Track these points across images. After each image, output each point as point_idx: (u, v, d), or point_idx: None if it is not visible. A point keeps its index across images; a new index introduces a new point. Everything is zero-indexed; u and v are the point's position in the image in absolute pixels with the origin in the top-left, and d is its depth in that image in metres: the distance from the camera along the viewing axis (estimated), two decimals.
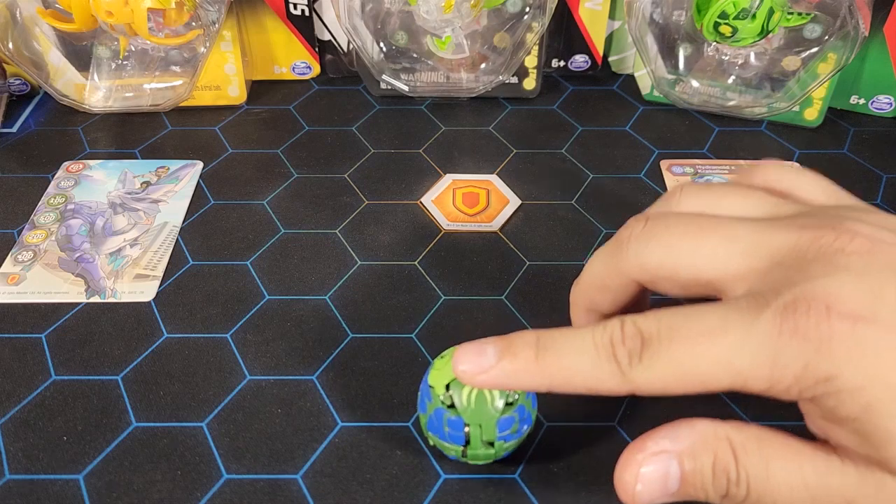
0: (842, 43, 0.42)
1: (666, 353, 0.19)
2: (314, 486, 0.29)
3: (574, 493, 0.28)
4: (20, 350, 0.34)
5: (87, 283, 0.37)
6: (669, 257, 0.22)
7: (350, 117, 0.49)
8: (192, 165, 0.45)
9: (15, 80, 0.50)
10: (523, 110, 0.49)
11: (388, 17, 0.47)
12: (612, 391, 0.20)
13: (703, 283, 0.21)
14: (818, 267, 0.18)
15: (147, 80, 0.48)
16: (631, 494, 0.20)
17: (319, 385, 0.32)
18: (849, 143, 0.47)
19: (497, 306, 0.36)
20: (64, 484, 0.29)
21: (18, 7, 0.45)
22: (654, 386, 0.19)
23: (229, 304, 0.36)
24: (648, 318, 0.20)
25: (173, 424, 0.31)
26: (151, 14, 0.43)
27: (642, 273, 0.23)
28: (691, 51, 0.47)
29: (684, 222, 0.22)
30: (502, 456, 0.28)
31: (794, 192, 0.25)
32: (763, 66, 0.46)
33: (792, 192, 0.24)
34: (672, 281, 0.22)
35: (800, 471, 0.18)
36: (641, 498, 0.20)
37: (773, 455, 0.19)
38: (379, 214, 0.41)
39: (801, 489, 0.18)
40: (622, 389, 0.20)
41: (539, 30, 0.46)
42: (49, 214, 0.41)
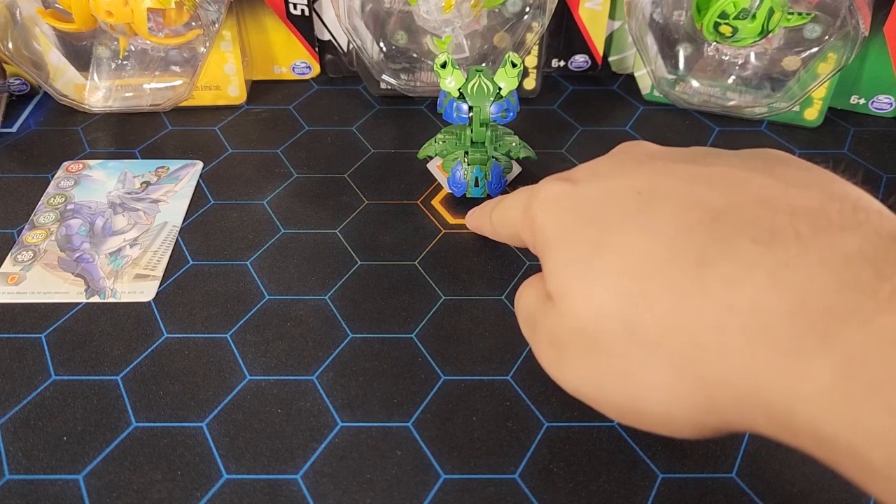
0: (842, 43, 0.42)
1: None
2: (314, 486, 0.29)
3: (574, 493, 0.28)
4: (20, 350, 0.34)
5: (87, 283, 0.37)
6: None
7: (350, 117, 0.49)
8: (191, 165, 0.45)
9: (15, 80, 0.50)
10: (523, 110, 0.49)
11: (388, 17, 0.47)
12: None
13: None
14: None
15: (147, 80, 0.48)
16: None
17: (319, 385, 0.32)
18: (849, 143, 0.47)
19: (497, 306, 0.36)
20: (64, 484, 0.29)
21: (18, 7, 0.45)
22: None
23: (229, 304, 0.36)
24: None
25: (173, 424, 0.31)
26: (151, 14, 0.43)
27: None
28: (691, 51, 0.47)
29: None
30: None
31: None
32: (763, 66, 0.46)
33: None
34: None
35: (526, 295, 0.28)
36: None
37: (526, 284, 0.28)
38: (379, 214, 0.41)
39: (523, 310, 0.28)
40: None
41: (539, 30, 0.46)
42: (49, 214, 0.41)
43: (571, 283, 0.23)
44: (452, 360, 0.33)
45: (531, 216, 0.27)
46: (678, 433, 0.22)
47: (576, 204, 0.25)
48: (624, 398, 0.22)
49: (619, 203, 0.24)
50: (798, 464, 0.29)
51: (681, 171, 0.24)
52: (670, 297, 0.20)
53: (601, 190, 0.25)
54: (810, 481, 0.29)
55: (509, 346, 0.34)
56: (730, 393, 0.19)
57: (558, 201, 0.26)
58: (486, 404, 0.32)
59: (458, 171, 0.40)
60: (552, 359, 0.25)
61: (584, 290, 0.23)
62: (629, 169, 0.25)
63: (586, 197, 0.25)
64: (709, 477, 0.29)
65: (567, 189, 0.26)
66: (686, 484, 0.29)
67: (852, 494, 0.28)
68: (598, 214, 0.24)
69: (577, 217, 0.25)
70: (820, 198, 0.20)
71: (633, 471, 0.29)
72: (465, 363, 0.33)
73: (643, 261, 0.21)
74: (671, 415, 0.21)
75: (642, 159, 0.26)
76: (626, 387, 0.22)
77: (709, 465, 0.29)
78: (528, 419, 0.31)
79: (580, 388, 0.24)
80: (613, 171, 0.26)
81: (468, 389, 0.32)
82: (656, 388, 0.21)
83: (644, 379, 0.21)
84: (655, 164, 0.25)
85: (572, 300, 0.23)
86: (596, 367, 0.23)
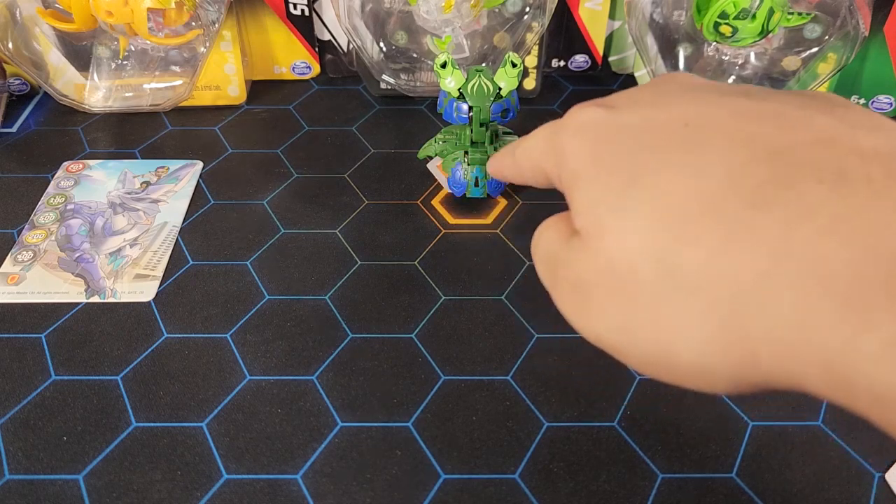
0: (842, 43, 0.42)
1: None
2: (314, 486, 0.29)
3: (574, 493, 0.28)
4: (20, 350, 0.34)
5: (87, 283, 0.37)
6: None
7: (350, 117, 0.49)
8: (191, 165, 0.45)
9: (15, 80, 0.50)
10: (523, 110, 0.49)
11: (388, 17, 0.47)
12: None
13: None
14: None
15: (147, 80, 0.48)
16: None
17: (319, 385, 0.32)
18: None
19: (497, 306, 0.36)
20: (64, 484, 0.29)
21: (18, 7, 0.45)
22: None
23: (229, 304, 0.36)
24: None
25: (173, 424, 0.31)
26: (151, 14, 0.43)
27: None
28: (691, 51, 0.47)
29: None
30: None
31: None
32: (763, 66, 0.46)
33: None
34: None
35: (546, 235, 0.25)
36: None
37: (546, 224, 0.26)
38: (379, 214, 0.41)
39: (543, 251, 0.25)
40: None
41: (539, 30, 0.46)
42: (49, 214, 0.41)
43: (604, 220, 0.21)
44: (452, 360, 0.33)
45: (559, 145, 0.24)
46: (712, 388, 0.20)
47: (612, 133, 0.23)
48: (655, 347, 0.20)
49: (663, 134, 0.22)
50: (798, 464, 0.29)
51: (733, 105, 0.22)
52: (717, 239, 0.19)
53: (642, 119, 0.22)
54: (810, 481, 0.29)
55: (509, 346, 0.34)
56: (778, 347, 0.18)
57: (592, 129, 0.23)
58: (486, 404, 0.32)
59: (458, 171, 0.40)
60: (575, 304, 0.23)
61: (619, 226, 0.21)
62: (674, 98, 0.23)
63: (625, 125, 0.23)
64: (709, 477, 0.29)
65: (603, 116, 0.23)
66: (686, 484, 0.29)
67: (852, 495, 0.28)
68: (638, 146, 0.22)
69: (613, 147, 0.22)
70: (890, 141, 0.19)
71: (633, 471, 0.29)
72: (465, 363, 0.33)
73: (688, 198, 0.20)
74: (708, 367, 0.20)
75: (688, 89, 0.24)
76: (659, 334, 0.20)
77: (709, 465, 0.29)
78: (528, 419, 0.31)
79: (605, 335, 0.22)
80: (657, 99, 0.23)
81: (468, 389, 0.32)
82: (694, 336, 0.19)
83: (681, 326, 0.19)
84: (704, 96, 0.23)
85: (604, 238, 0.21)
86: (625, 312, 0.21)
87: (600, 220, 0.21)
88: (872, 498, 0.28)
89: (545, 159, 0.26)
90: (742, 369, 0.19)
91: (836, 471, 0.29)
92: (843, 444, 0.30)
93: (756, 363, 0.19)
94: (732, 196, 0.19)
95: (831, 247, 0.17)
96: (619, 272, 0.21)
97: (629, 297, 0.21)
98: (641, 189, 0.21)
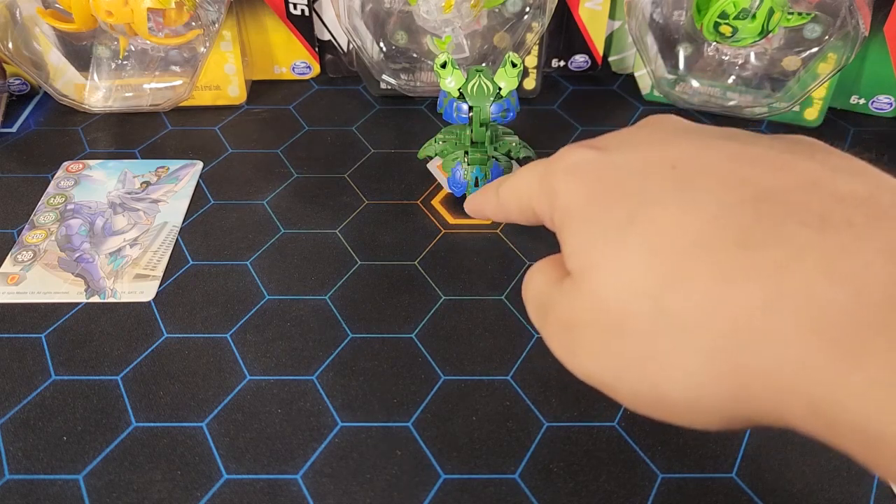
0: (842, 43, 0.42)
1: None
2: (314, 486, 0.29)
3: (574, 493, 0.28)
4: (20, 350, 0.34)
5: (87, 283, 0.37)
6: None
7: (350, 117, 0.49)
8: (191, 165, 0.45)
9: (15, 80, 0.50)
10: (523, 110, 0.49)
11: (388, 17, 0.47)
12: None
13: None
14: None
15: (147, 80, 0.48)
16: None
17: (319, 385, 0.32)
18: (849, 143, 0.47)
19: (497, 306, 0.36)
20: (64, 484, 0.29)
21: (18, 7, 0.45)
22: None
23: (229, 304, 0.36)
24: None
25: (173, 424, 0.31)
26: (151, 14, 0.43)
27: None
28: (691, 51, 0.47)
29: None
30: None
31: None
32: (763, 66, 0.46)
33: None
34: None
35: (536, 279, 0.26)
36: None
37: (536, 268, 0.26)
38: (379, 214, 0.41)
39: (534, 295, 0.26)
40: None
41: (539, 30, 0.46)
42: (49, 214, 0.41)
43: (598, 260, 0.22)
44: (452, 360, 0.33)
45: (550, 185, 0.25)
46: (703, 424, 0.21)
47: (604, 173, 0.23)
48: (646, 384, 0.21)
49: (654, 176, 0.22)
50: (798, 464, 0.29)
51: (720, 148, 0.22)
52: (710, 279, 0.19)
53: (633, 160, 0.23)
54: (810, 481, 0.29)
55: (509, 346, 0.34)
56: (769, 382, 0.18)
57: (584, 169, 0.24)
58: (486, 404, 0.32)
59: (458, 171, 0.40)
60: (566, 343, 0.23)
61: (612, 267, 0.21)
62: (663, 140, 0.24)
63: (616, 166, 0.23)
64: (709, 477, 0.29)
65: (594, 156, 0.24)
66: (686, 484, 0.29)
67: (852, 495, 0.28)
68: (629, 186, 0.22)
69: (605, 188, 0.23)
70: (868, 186, 0.19)
71: (633, 471, 0.29)
72: (465, 363, 0.33)
73: (680, 238, 0.20)
74: (700, 403, 0.20)
75: (675, 132, 0.24)
76: (651, 371, 0.21)
77: (709, 465, 0.29)
78: (528, 419, 0.31)
79: (596, 373, 0.22)
80: (645, 141, 0.24)
81: (468, 389, 0.32)
82: (687, 373, 0.20)
83: (674, 363, 0.20)
84: (691, 139, 0.23)
85: (597, 278, 0.21)
86: (616, 351, 0.21)
87: (593, 261, 0.22)
88: (872, 498, 0.28)
89: (535, 198, 0.27)
90: (733, 405, 0.20)
91: (836, 471, 0.29)
92: None
93: (746, 399, 0.19)
94: (722, 236, 0.20)
95: (820, 288, 0.18)
96: (612, 311, 0.21)
97: (620, 336, 0.21)
98: (633, 230, 0.21)
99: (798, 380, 0.18)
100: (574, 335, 0.23)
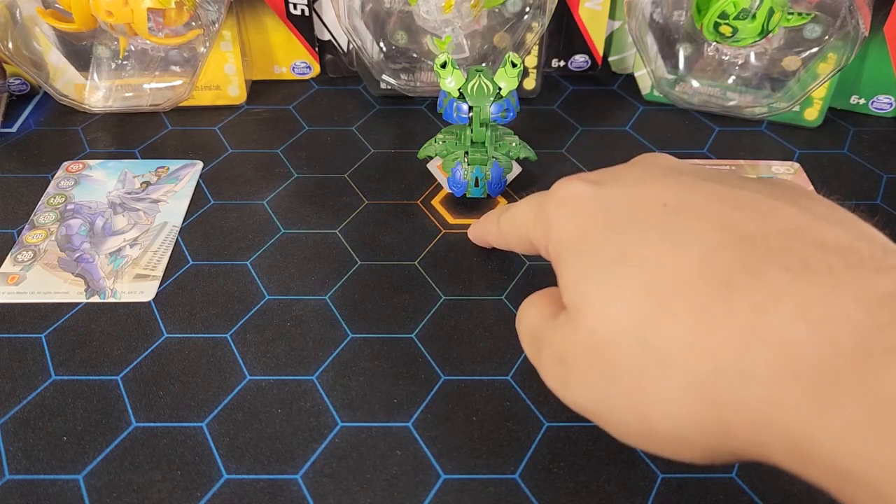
0: (842, 43, 0.42)
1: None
2: (314, 487, 0.29)
3: (574, 493, 0.28)
4: (20, 350, 0.34)
5: (87, 283, 0.37)
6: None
7: (350, 117, 0.49)
8: (191, 165, 0.45)
9: (15, 80, 0.50)
10: (523, 110, 0.49)
11: (388, 17, 0.47)
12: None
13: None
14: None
15: (147, 80, 0.48)
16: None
17: (319, 385, 0.32)
18: (849, 143, 0.47)
19: (497, 306, 0.36)
20: (64, 484, 0.29)
21: (18, 7, 0.45)
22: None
23: (229, 304, 0.36)
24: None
25: (173, 424, 0.31)
26: (151, 14, 0.43)
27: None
28: (691, 51, 0.47)
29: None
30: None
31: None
32: (763, 66, 0.46)
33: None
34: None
35: (530, 313, 0.27)
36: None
37: (529, 301, 0.27)
38: (379, 214, 0.41)
39: (527, 329, 0.27)
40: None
41: (539, 30, 0.46)
42: (49, 214, 0.41)
43: (589, 295, 0.22)
44: (452, 360, 0.33)
45: (546, 217, 0.26)
46: (688, 457, 0.22)
47: (597, 208, 0.24)
48: (633, 416, 0.22)
49: (645, 213, 0.23)
50: None
51: (709, 190, 0.23)
52: (693, 317, 0.20)
53: (625, 197, 0.24)
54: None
55: (509, 346, 0.34)
56: (747, 418, 0.19)
57: (578, 203, 0.25)
58: (486, 404, 0.32)
59: (458, 171, 0.40)
60: (558, 375, 0.24)
61: (604, 301, 0.22)
62: (654, 179, 0.24)
63: (609, 202, 0.24)
64: (709, 477, 0.29)
65: (589, 191, 0.25)
66: (686, 484, 0.29)
67: None
68: (621, 223, 0.23)
69: (598, 223, 0.24)
70: (849, 235, 0.20)
71: (633, 471, 0.29)
72: (465, 363, 0.33)
73: (667, 276, 0.21)
74: (683, 436, 0.21)
75: (667, 172, 0.25)
76: (637, 404, 0.21)
77: (709, 466, 0.29)
78: (528, 419, 0.31)
79: (586, 404, 0.23)
80: (637, 179, 0.25)
81: (468, 389, 0.32)
82: (670, 407, 0.21)
83: (658, 397, 0.21)
84: (682, 179, 0.24)
85: (588, 312, 0.22)
86: (605, 383, 0.22)
87: (586, 296, 0.23)
88: None
89: (532, 229, 0.28)
90: (715, 439, 0.20)
91: None
92: None
93: (728, 434, 0.20)
94: (706, 277, 0.20)
95: (799, 333, 0.18)
96: (601, 345, 0.22)
97: (609, 369, 0.22)
98: (624, 266, 0.22)
99: (776, 417, 0.18)
100: (566, 368, 0.23)
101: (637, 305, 0.21)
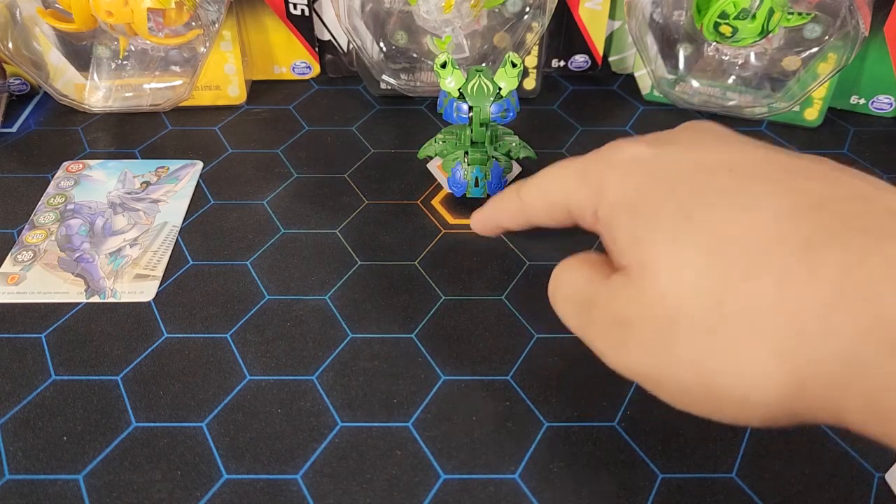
0: (842, 43, 0.42)
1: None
2: (314, 486, 0.29)
3: (574, 493, 0.28)
4: (20, 350, 0.34)
5: (87, 283, 0.37)
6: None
7: (350, 117, 0.49)
8: (191, 165, 0.45)
9: (15, 80, 0.50)
10: (523, 110, 0.49)
11: (388, 17, 0.47)
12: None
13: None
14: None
15: (147, 80, 0.48)
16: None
17: (319, 385, 0.32)
18: (849, 143, 0.47)
19: (497, 306, 0.36)
20: (64, 484, 0.29)
21: (18, 7, 0.45)
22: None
23: (229, 304, 0.36)
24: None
25: (173, 424, 0.31)
26: (151, 14, 0.43)
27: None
28: (691, 51, 0.47)
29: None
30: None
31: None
32: (763, 66, 0.46)
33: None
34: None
35: (572, 277, 0.25)
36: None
37: (568, 266, 0.26)
38: (379, 214, 0.41)
39: (573, 293, 0.25)
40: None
41: (539, 30, 0.46)
42: (49, 214, 0.41)
43: (655, 256, 0.22)
44: (452, 360, 0.33)
45: (597, 179, 0.25)
46: (749, 419, 0.21)
47: (660, 169, 0.23)
48: (697, 378, 0.21)
49: (711, 176, 0.22)
50: (798, 464, 0.29)
51: (771, 157, 0.23)
52: (774, 278, 0.19)
53: (688, 160, 0.23)
54: (810, 481, 0.29)
55: (509, 346, 0.34)
56: (828, 379, 0.19)
57: (638, 164, 0.24)
58: (486, 404, 0.32)
59: (458, 171, 0.40)
60: (616, 337, 0.23)
61: (671, 263, 0.21)
62: (714, 144, 0.24)
63: (671, 163, 0.23)
64: (709, 477, 0.29)
65: (650, 152, 0.24)
66: (686, 484, 0.29)
67: (852, 495, 0.28)
68: (687, 184, 0.22)
69: (662, 184, 0.23)
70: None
71: (633, 471, 0.29)
72: (465, 363, 0.33)
73: (743, 238, 0.20)
74: (752, 399, 0.20)
75: (724, 138, 0.25)
76: (706, 367, 0.20)
77: (709, 465, 0.29)
78: (528, 419, 0.31)
79: (643, 368, 0.22)
80: (696, 143, 0.24)
81: (468, 389, 0.32)
82: (745, 370, 0.20)
83: (732, 360, 0.20)
84: (743, 146, 0.24)
85: (654, 273, 0.21)
86: (671, 346, 0.21)
87: (650, 256, 0.22)
88: (872, 498, 0.28)
89: (572, 193, 0.26)
90: (787, 401, 0.20)
91: (836, 471, 0.29)
92: (843, 444, 0.30)
93: (801, 394, 0.19)
94: (784, 239, 0.20)
95: (885, 290, 0.18)
96: (669, 307, 0.21)
97: (676, 331, 0.21)
98: (692, 227, 0.21)
99: (856, 377, 0.18)
100: (625, 330, 0.22)
101: (709, 267, 0.20)
